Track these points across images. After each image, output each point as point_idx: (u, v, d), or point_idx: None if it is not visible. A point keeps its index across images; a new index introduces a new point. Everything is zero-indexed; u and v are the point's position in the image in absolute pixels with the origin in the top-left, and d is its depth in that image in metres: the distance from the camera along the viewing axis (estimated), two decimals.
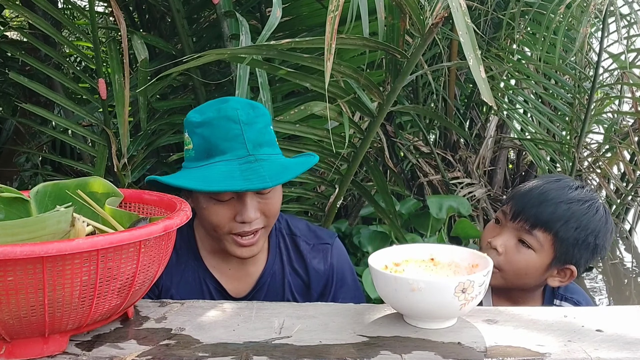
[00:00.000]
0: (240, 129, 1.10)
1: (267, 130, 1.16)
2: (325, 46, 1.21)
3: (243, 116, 1.11)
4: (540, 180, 1.22)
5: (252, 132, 1.11)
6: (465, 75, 3.59)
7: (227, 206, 1.12)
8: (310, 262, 1.28)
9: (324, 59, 1.21)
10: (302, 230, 1.31)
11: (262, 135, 1.14)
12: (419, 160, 3.21)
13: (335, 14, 1.21)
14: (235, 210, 1.11)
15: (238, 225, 1.12)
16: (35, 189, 0.92)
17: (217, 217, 1.12)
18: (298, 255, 1.29)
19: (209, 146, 1.11)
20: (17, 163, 3.31)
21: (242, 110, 1.11)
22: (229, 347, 0.78)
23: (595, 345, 0.78)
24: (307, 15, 2.02)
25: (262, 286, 1.25)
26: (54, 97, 2.00)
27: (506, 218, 1.20)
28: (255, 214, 1.11)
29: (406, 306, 0.84)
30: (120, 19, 1.75)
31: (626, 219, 4.26)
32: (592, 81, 2.99)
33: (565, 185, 1.19)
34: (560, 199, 1.16)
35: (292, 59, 1.53)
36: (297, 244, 1.29)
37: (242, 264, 1.25)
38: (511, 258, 1.17)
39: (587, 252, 1.18)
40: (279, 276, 1.27)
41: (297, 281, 1.28)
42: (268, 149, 1.15)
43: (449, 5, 1.25)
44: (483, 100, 1.28)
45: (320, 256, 1.29)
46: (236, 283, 1.26)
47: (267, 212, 1.14)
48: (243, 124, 1.10)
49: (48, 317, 0.72)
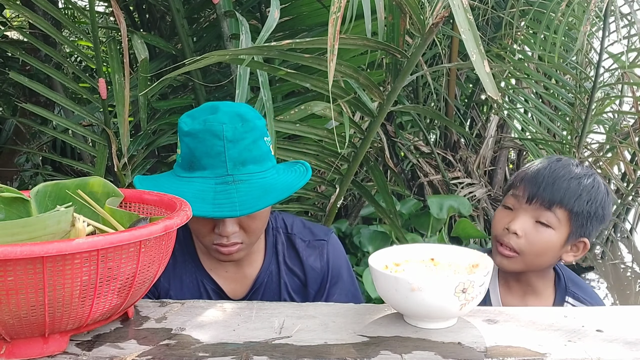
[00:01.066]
0: (223, 145, 1.08)
1: (256, 145, 1.12)
2: (328, 47, 1.21)
3: (229, 132, 1.08)
4: (544, 161, 1.26)
5: (235, 150, 1.09)
6: (466, 75, 3.59)
7: (208, 219, 1.12)
8: (307, 260, 1.27)
9: (326, 59, 1.21)
10: (298, 228, 1.30)
11: (249, 151, 1.11)
12: (419, 160, 3.21)
13: (337, 15, 1.21)
14: (215, 223, 1.12)
15: (217, 237, 1.12)
16: (36, 189, 0.92)
17: (197, 227, 1.14)
18: (294, 254, 1.28)
19: (192, 159, 1.11)
20: (17, 163, 3.32)
21: (229, 125, 1.08)
22: (229, 347, 0.78)
23: (596, 345, 0.78)
24: (307, 15, 2.01)
25: (259, 287, 1.26)
26: (54, 97, 2.00)
27: (519, 201, 1.22)
28: (232, 228, 1.11)
29: (406, 306, 0.84)
30: (120, 18, 1.75)
31: (626, 219, 4.26)
32: (592, 81, 2.98)
33: (568, 163, 1.24)
34: (570, 175, 1.21)
35: (293, 59, 1.53)
36: (293, 242, 1.28)
37: (238, 266, 1.25)
38: (532, 239, 1.19)
39: (597, 223, 1.23)
40: (275, 277, 1.27)
41: (293, 280, 1.28)
42: (253, 167, 1.11)
43: (449, 4, 1.25)
44: (483, 100, 1.28)
45: (316, 253, 1.28)
46: (233, 285, 1.26)
47: (246, 229, 1.13)
48: (227, 141, 1.08)
49: (48, 317, 0.72)
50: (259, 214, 1.13)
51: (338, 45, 1.22)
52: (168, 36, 2.41)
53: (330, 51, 1.21)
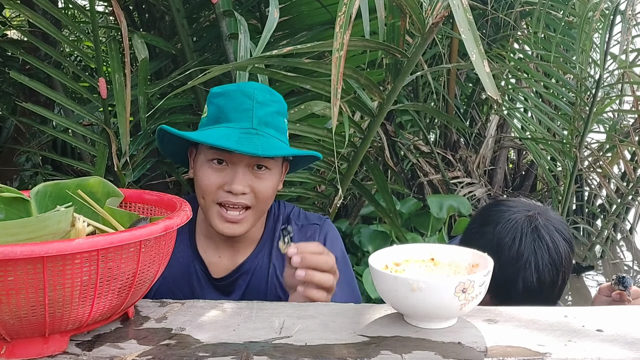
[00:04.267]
0: (251, 104, 1.15)
1: (278, 117, 1.20)
2: (334, 47, 1.22)
3: (259, 95, 1.16)
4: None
5: (262, 111, 1.16)
6: (466, 75, 3.59)
7: (220, 173, 1.15)
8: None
9: (325, 62, 1.22)
10: (295, 214, 1.32)
11: (272, 117, 1.18)
12: (419, 159, 3.21)
13: (343, 15, 1.22)
14: (225, 179, 1.14)
15: (224, 194, 1.14)
16: (36, 188, 0.92)
17: (207, 181, 1.15)
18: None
19: (220, 114, 1.16)
20: (17, 162, 3.31)
21: (259, 91, 1.17)
22: (229, 347, 0.78)
23: (596, 345, 0.78)
24: (307, 14, 2.01)
25: (247, 271, 1.25)
26: (54, 97, 2.00)
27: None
28: (243, 186, 1.13)
29: (406, 306, 0.84)
30: (120, 18, 1.75)
31: (626, 219, 4.26)
32: (595, 80, 2.98)
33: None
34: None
35: (293, 64, 1.53)
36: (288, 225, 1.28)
37: (232, 250, 1.25)
38: None
39: None
40: (266, 260, 1.26)
41: (282, 264, 1.25)
42: (274, 131, 1.17)
43: (449, 4, 1.25)
44: (483, 99, 1.29)
45: (308, 236, 1.28)
46: (222, 267, 1.26)
47: (257, 191, 1.15)
48: (256, 102, 1.15)
49: (48, 317, 0.72)
50: (272, 178, 1.17)
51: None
52: (168, 36, 2.41)
53: (336, 49, 1.22)
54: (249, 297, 1.24)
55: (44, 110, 2.02)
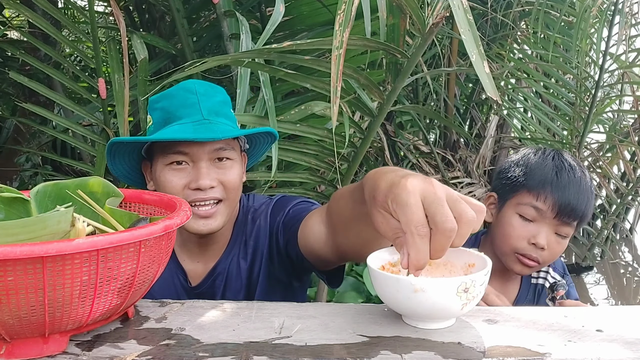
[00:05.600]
0: (196, 98, 1.14)
1: (225, 106, 1.19)
2: (333, 49, 1.21)
3: (200, 89, 1.16)
4: (548, 162, 1.25)
5: (208, 102, 1.15)
6: (465, 75, 3.59)
7: (182, 173, 1.13)
8: (258, 226, 1.25)
9: (325, 60, 1.21)
10: (258, 201, 1.30)
11: (220, 107, 1.17)
12: (419, 159, 3.21)
13: (343, 13, 1.21)
14: (190, 178, 1.12)
15: (192, 192, 1.12)
16: (35, 189, 0.92)
17: (171, 184, 1.13)
18: (251, 227, 1.26)
19: (167, 115, 1.15)
20: (17, 163, 3.32)
21: (199, 85, 1.17)
22: (229, 347, 0.78)
23: (596, 345, 0.78)
24: (307, 15, 2.02)
25: (222, 270, 1.24)
26: (54, 97, 2.00)
27: (542, 215, 1.22)
28: (210, 180, 1.12)
29: (408, 307, 0.83)
30: (120, 18, 1.75)
31: (626, 219, 4.26)
32: (594, 80, 2.98)
33: (570, 165, 1.25)
34: (584, 183, 1.23)
35: (293, 61, 1.53)
36: (251, 214, 1.27)
37: (206, 259, 1.24)
38: (554, 251, 1.22)
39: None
40: (240, 257, 1.25)
41: (246, 251, 1.25)
42: (225, 119, 1.17)
43: (449, 4, 1.25)
44: (483, 99, 1.29)
45: (264, 212, 1.26)
46: (200, 275, 1.26)
47: (224, 182, 1.14)
48: (200, 95, 1.15)
49: (48, 317, 0.72)
50: (236, 167, 1.16)
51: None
52: (168, 36, 2.41)
53: (335, 48, 1.21)
54: (230, 297, 1.23)
55: (44, 110, 2.02)
